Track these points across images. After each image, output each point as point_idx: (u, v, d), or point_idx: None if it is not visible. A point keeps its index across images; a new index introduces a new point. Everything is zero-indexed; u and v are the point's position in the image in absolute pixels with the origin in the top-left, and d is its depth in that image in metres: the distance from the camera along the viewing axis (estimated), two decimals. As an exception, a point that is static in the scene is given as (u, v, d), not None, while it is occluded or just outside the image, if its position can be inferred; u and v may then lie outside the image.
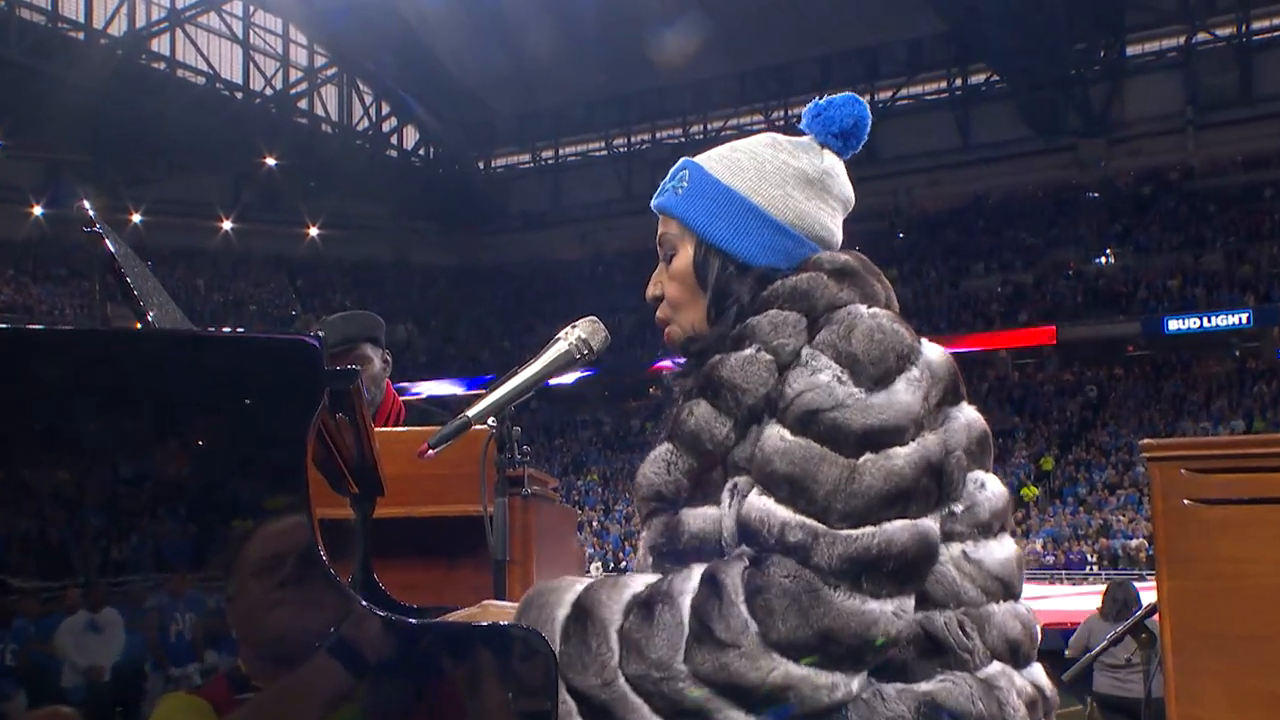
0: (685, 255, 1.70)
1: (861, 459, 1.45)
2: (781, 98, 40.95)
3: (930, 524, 1.49)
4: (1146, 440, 2.32)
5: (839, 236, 1.73)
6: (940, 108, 40.26)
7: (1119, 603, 7.47)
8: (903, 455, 1.47)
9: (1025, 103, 37.65)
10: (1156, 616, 2.33)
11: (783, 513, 1.44)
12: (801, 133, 1.76)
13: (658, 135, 44.49)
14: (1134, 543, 25.46)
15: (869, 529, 1.43)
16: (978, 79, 39.83)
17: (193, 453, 1.33)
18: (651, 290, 1.76)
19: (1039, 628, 1.65)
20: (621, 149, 45.78)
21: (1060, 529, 27.09)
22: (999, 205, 39.16)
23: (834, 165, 1.72)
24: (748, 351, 1.56)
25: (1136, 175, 37.04)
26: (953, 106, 40.06)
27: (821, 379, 1.49)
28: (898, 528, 1.45)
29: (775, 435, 1.49)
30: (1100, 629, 7.37)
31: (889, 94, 40.63)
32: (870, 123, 1.75)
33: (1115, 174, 37.42)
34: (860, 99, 1.76)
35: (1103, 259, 35.22)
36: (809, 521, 1.43)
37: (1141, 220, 35.73)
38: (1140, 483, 26.98)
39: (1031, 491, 28.69)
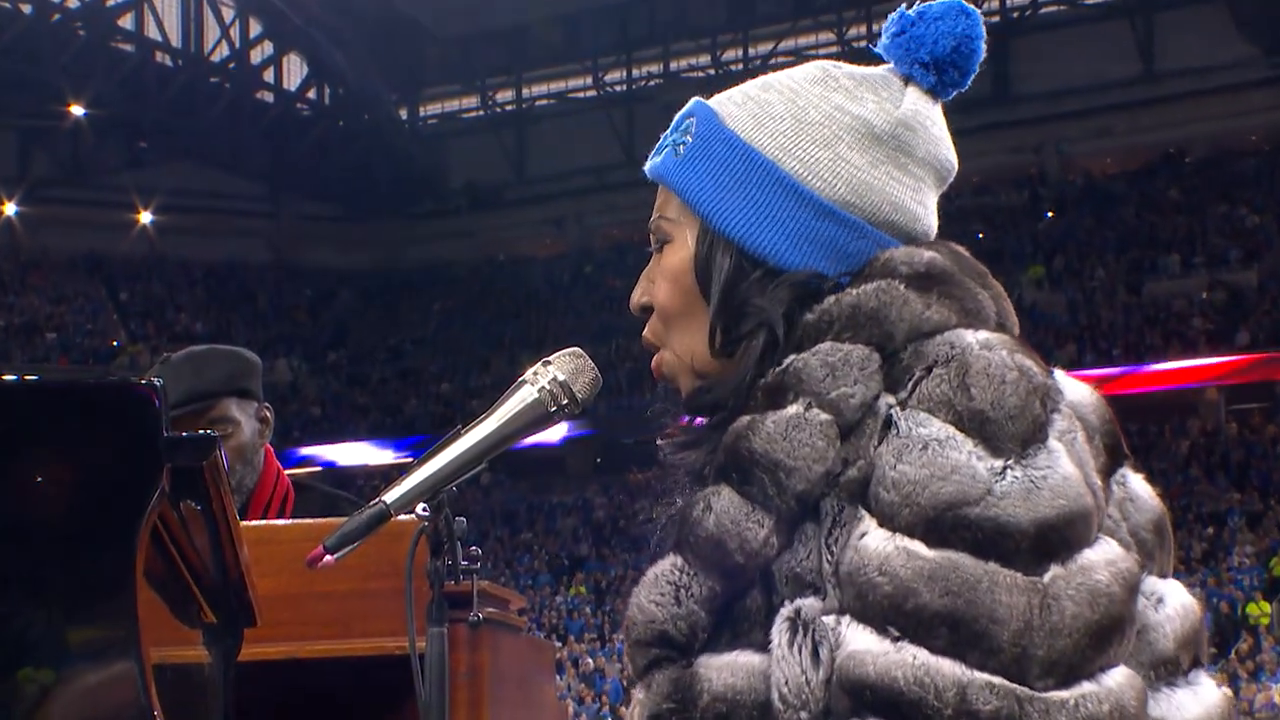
0: (683, 247, 1.70)
1: (1048, 575, 1.43)
2: (862, 7, 41.22)
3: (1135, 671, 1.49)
4: None
5: (928, 221, 1.71)
6: (1110, 17, 40.43)
7: None
8: (1100, 562, 1.46)
9: (1242, 6, 37.75)
10: None
11: (952, 669, 1.41)
12: (878, 59, 1.75)
13: (673, 66, 44.75)
14: None
15: (1088, 687, 1.42)
16: (1165, -28, 40.01)
17: (-42, 563, 1.32)
18: (637, 298, 1.76)
19: None
20: (619, 87, 46.03)
21: (1307, 666, 26.91)
22: (1203, 165, 39.19)
23: (920, 111, 1.70)
24: (792, 410, 1.54)
25: None
26: (1128, 14, 40.22)
27: (953, 457, 1.46)
28: (1123, 682, 1.45)
29: (899, 550, 1.45)
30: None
31: (1029, -3, 40.89)
32: (984, 44, 1.72)
33: (1382, 115, 37.47)
34: (971, 7, 1.73)
35: (1364, 246, 35.18)
36: (1000, 682, 1.40)
37: None
38: None
39: (1262, 610, 28.53)
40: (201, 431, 1.45)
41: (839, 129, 1.67)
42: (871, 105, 1.68)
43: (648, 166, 1.76)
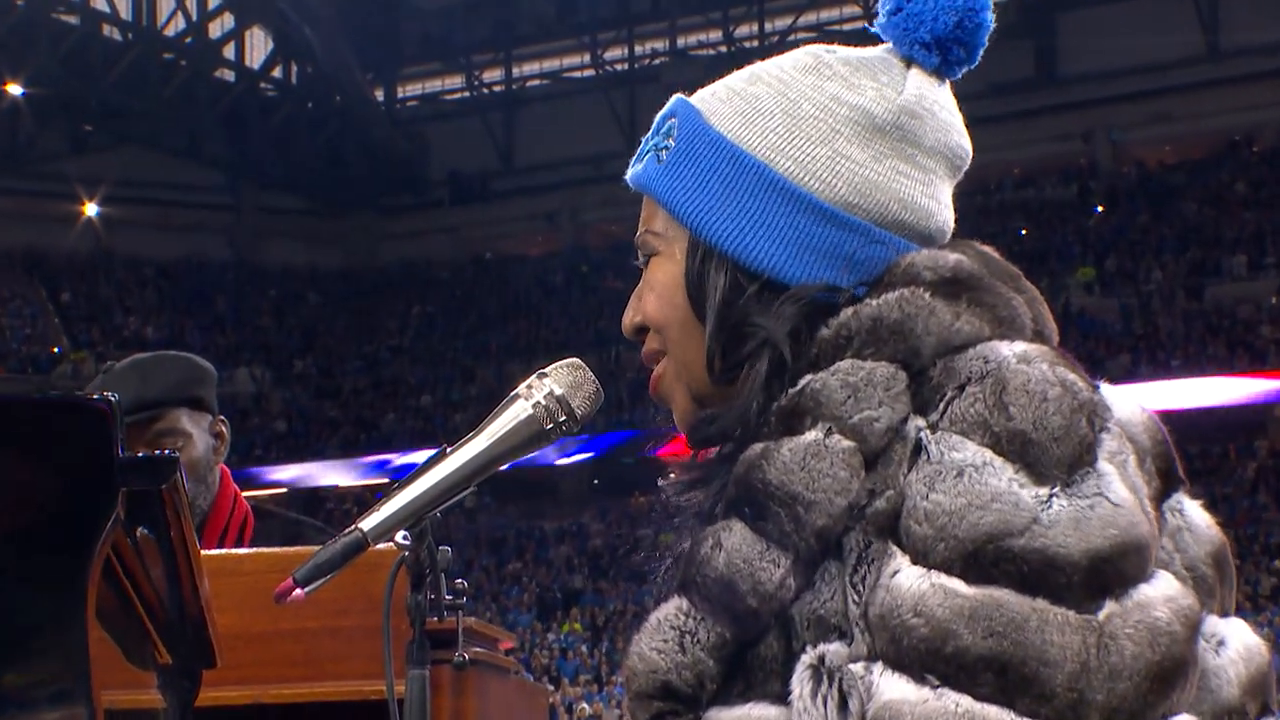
0: (673, 261, 1.72)
1: (1104, 612, 1.44)
2: (892, -25, 41.06)
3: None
4: None
5: (943, 216, 1.72)
6: (1165, -11, 40.42)
7: None
8: (1159, 598, 1.47)
9: (1311, -21, 37.75)
10: None
11: (1000, 718, 1.42)
12: (876, 40, 1.75)
13: (680, 42, 44.73)
14: None
15: None
16: (1229, -60, 40.02)
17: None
18: (629, 320, 1.77)
19: None
20: (619, 66, 46.02)
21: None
22: (1272, 154, 39.16)
23: (925, 95, 1.70)
24: (811, 436, 1.55)
25: None
26: (1187, -13, 40.22)
27: (993, 484, 1.47)
28: None
29: (935, 588, 1.46)
30: None
31: (1076, -33, 40.86)
32: (991, 20, 1.72)
33: None
34: None
35: None
36: None
37: None
38: None
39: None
40: (160, 452, 1.44)
41: (836, 122, 1.67)
42: (871, 93, 1.69)
43: (629, 175, 1.77)
